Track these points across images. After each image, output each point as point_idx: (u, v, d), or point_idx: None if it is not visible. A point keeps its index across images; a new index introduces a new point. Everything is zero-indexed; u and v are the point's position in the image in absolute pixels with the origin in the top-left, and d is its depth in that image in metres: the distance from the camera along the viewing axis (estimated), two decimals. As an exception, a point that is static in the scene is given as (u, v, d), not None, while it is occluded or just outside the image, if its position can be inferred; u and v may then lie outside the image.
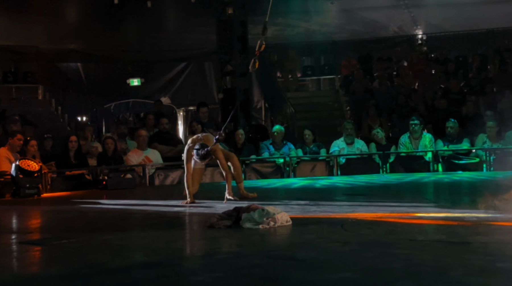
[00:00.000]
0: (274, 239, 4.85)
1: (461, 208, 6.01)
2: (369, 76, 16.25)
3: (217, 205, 6.91)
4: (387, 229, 4.99)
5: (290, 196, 8.36)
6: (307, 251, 4.20)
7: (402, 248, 4.13)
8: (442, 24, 16.81)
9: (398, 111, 13.81)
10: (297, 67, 17.72)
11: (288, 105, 15.17)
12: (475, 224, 4.96)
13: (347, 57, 17.05)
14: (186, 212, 6.77)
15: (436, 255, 3.88)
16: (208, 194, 8.00)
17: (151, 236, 5.20)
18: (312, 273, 3.54)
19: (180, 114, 17.81)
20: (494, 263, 3.61)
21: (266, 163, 11.10)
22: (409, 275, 3.41)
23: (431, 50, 17.29)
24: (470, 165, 10.67)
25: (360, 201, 7.04)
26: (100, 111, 16.50)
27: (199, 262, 4.04)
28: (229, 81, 13.82)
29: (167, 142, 11.57)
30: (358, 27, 16.86)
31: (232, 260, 4.02)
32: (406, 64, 16.75)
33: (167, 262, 4.04)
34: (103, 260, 4.19)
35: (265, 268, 3.75)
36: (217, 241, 4.78)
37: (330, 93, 17.07)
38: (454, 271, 3.45)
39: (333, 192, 8.65)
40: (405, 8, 15.93)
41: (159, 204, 7.57)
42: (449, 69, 15.65)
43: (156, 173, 10.64)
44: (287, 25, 16.64)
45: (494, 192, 5.90)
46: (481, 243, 4.22)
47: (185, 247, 4.63)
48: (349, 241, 4.52)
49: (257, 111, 17.16)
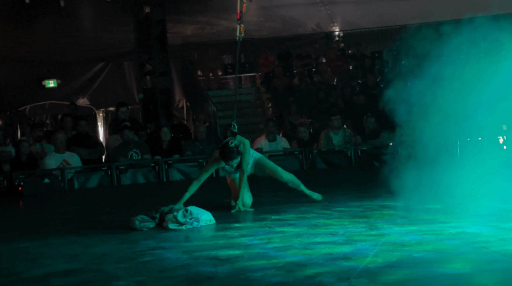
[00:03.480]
0: (197, 239, 4.82)
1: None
2: (289, 73, 16.44)
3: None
4: (308, 225, 5.05)
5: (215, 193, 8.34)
6: (230, 250, 4.20)
7: (323, 243, 4.20)
8: (358, 21, 17.23)
9: (318, 108, 14.04)
10: (218, 66, 17.71)
11: (209, 104, 15.14)
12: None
13: (266, 55, 17.19)
14: (106, 216, 6.63)
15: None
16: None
17: (70, 241, 5.05)
18: (237, 272, 3.53)
19: (100, 116, 17.43)
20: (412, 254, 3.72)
21: (190, 162, 11.05)
22: (330, 269, 3.47)
23: (348, 47, 17.68)
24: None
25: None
26: (14, 114, 15.90)
27: (121, 266, 3.95)
28: (149, 81, 13.64)
29: (87, 144, 11.30)
30: (277, 25, 17.04)
31: (155, 263, 3.97)
32: (324, 61, 17.05)
33: (88, 268, 3.93)
34: (20, 269, 4.04)
35: (188, 269, 3.72)
36: (139, 244, 4.70)
37: (252, 91, 17.17)
38: (373, 263, 3.54)
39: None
40: (321, 6, 16.24)
41: (78, 209, 7.37)
42: (366, 65, 16.05)
43: (75, 176, 10.37)
44: (206, 23, 16.60)
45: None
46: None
47: (107, 251, 4.52)
48: (272, 238, 4.56)
49: (178, 110, 17.04)
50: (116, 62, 17.49)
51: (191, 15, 16.24)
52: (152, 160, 10.87)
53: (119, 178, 10.56)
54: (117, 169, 10.55)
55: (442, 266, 3.41)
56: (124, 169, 10.62)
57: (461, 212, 5.17)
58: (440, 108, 5.58)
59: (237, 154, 6.11)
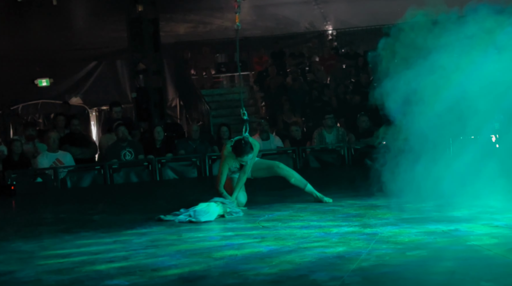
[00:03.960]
0: (190, 238, 4.82)
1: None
2: (283, 72, 16.45)
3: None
4: (302, 224, 5.06)
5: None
6: (224, 248, 4.20)
7: (317, 241, 4.21)
8: (351, 20, 17.25)
9: (312, 107, 14.06)
10: (211, 64, 17.70)
11: (203, 103, 15.13)
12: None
13: (260, 54, 17.19)
14: (99, 215, 6.62)
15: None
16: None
17: (62, 240, 5.04)
18: (230, 271, 3.53)
19: (93, 115, 17.38)
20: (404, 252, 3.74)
21: (183, 161, 11.04)
22: (324, 267, 3.47)
23: (341, 45, 17.70)
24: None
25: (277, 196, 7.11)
26: (7, 113, 15.84)
27: (114, 266, 3.94)
28: (142, 80, 13.62)
29: (80, 143, 11.27)
30: (270, 24, 17.04)
31: (148, 262, 3.96)
32: (317, 60, 17.07)
33: (80, 267, 3.92)
34: (12, 268, 4.03)
35: (182, 268, 3.71)
36: (132, 243, 4.69)
37: (245, 90, 17.16)
38: (366, 261, 3.54)
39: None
40: (315, 4, 16.24)
41: (71, 208, 7.35)
42: (359, 64, 16.07)
43: (68, 175, 10.34)
44: (200, 22, 16.58)
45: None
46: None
47: (100, 250, 4.51)
48: (265, 237, 4.56)
49: (172, 109, 17.02)
50: (109, 61, 17.45)
51: (184, 14, 16.22)
52: (145, 159, 10.85)
53: (112, 177, 10.54)
54: (110, 168, 10.53)
55: (435, 264, 3.42)
56: (117, 168, 10.60)
57: (454, 210, 5.19)
58: (432, 104, 5.59)
59: (250, 148, 6.06)
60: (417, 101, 5.64)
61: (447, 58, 5.60)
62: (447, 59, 5.60)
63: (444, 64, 5.58)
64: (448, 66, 5.57)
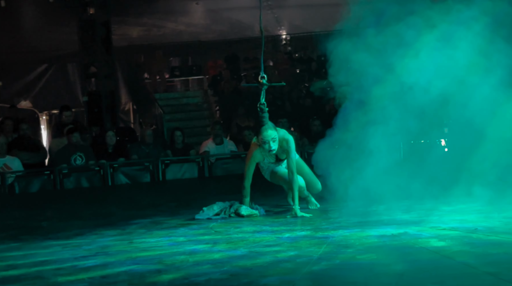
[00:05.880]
0: (141, 243, 4.75)
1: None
2: (237, 76, 16.47)
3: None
4: (254, 229, 5.05)
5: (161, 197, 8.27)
6: (175, 254, 4.16)
7: (269, 246, 4.21)
8: (304, 25, 17.40)
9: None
10: (165, 68, 17.60)
11: (156, 107, 15.01)
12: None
13: (214, 58, 17.19)
14: (47, 221, 6.48)
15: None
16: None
17: (8, 248, 4.90)
18: (181, 277, 3.50)
19: (43, 119, 17.04)
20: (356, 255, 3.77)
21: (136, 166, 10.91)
22: (275, 272, 3.47)
23: (295, 50, 17.84)
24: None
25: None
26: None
27: (61, 273, 3.85)
28: (94, 83, 13.44)
29: (29, 148, 11.03)
30: (224, 28, 17.04)
31: (97, 268, 3.88)
32: (271, 64, 17.15)
33: (27, 275, 3.82)
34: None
35: (132, 274, 3.66)
36: (81, 249, 4.60)
37: (199, 94, 17.11)
38: (317, 265, 3.56)
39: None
40: (268, 9, 16.32)
41: (19, 214, 7.18)
42: (312, 68, 16.22)
43: (16, 180, 10.10)
44: (153, 25, 16.47)
45: None
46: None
47: (47, 258, 4.40)
48: (217, 242, 4.54)
49: (125, 113, 16.83)
50: (60, 64, 17.16)
51: (137, 17, 16.09)
52: (97, 163, 10.69)
53: (62, 182, 10.34)
54: (60, 173, 10.33)
55: (385, 267, 3.46)
56: (67, 173, 10.40)
57: (403, 213, 5.28)
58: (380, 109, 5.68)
59: (274, 127, 5.91)
60: (367, 110, 5.72)
61: (397, 58, 5.69)
62: (396, 59, 5.69)
63: (393, 64, 5.66)
64: (397, 66, 5.66)
